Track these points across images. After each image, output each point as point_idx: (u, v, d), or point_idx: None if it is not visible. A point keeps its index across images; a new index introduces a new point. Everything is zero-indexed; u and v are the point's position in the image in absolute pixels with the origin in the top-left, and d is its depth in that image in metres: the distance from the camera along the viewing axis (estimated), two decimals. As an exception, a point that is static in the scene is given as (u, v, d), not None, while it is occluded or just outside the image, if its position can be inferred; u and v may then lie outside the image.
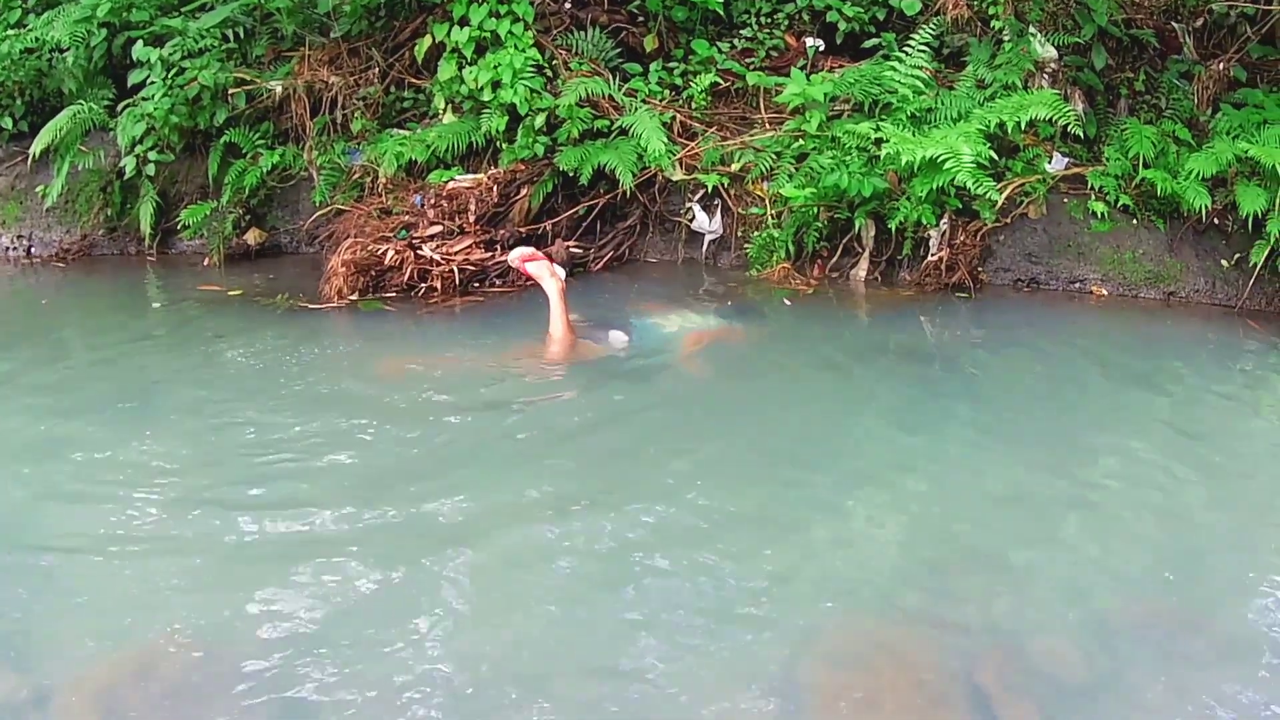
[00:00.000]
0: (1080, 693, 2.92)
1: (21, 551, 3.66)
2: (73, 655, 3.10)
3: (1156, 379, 5.23)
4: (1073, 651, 3.08)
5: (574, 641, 3.14)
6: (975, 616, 3.25)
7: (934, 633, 3.18)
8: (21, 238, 7.86)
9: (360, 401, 4.90)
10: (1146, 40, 7.01)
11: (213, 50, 7.34)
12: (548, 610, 3.29)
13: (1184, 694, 2.92)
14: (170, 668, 3.03)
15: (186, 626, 3.20)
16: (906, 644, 3.14)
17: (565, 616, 3.26)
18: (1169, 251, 6.43)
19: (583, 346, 5.35)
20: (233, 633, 3.17)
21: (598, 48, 7.17)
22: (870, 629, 3.21)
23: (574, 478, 4.14)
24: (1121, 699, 2.91)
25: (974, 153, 5.92)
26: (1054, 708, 2.87)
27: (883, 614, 3.28)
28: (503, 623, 3.23)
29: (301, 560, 3.53)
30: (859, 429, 4.64)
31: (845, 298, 6.35)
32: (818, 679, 2.98)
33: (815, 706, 2.89)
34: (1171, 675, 3.00)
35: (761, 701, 2.88)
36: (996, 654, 3.07)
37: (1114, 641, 3.14)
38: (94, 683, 2.98)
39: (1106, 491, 4.06)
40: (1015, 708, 2.85)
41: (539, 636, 3.16)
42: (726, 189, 6.80)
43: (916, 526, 3.79)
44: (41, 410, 4.88)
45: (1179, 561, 3.57)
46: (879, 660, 3.07)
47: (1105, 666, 3.01)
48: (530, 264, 5.58)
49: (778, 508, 3.91)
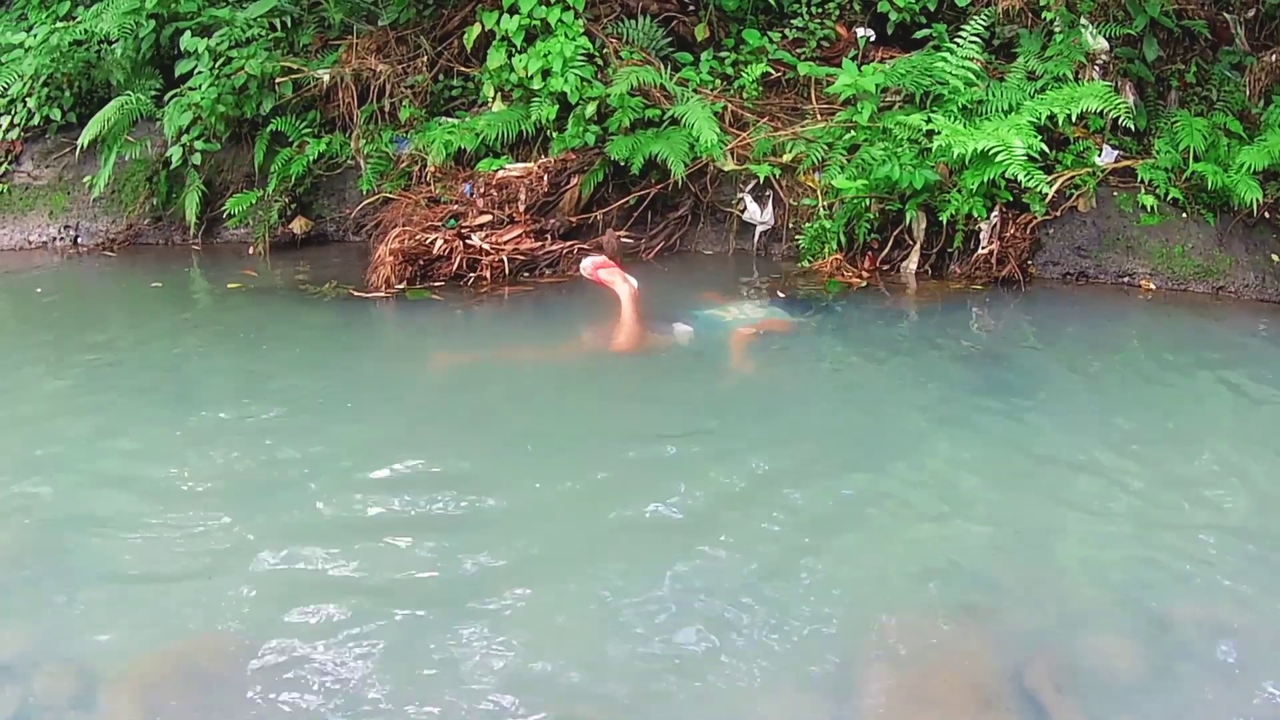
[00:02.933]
0: (1131, 693, 2.91)
1: (67, 542, 3.68)
2: (114, 653, 3.10)
3: (1208, 375, 5.20)
4: (1124, 651, 3.07)
5: (620, 637, 3.13)
6: (1026, 615, 3.24)
7: (984, 631, 3.17)
8: (68, 228, 7.90)
9: (413, 394, 4.96)
10: (1198, 31, 6.96)
11: (260, 39, 7.35)
12: (594, 606, 3.28)
13: (1235, 698, 2.89)
14: (212, 664, 3.04)
15: (230, 623, 3.20)
16: (957, 642, 3.13)
17: (612, 613, 3.25)
18: (1218, 245, 6.39)
19: (650, 339, 5.38)
20: (275, 630, 3.16)
21: (648, 36, 7.16)
22: (921, 627, 3.20)
23: (619, 470, 4.14)
24: (1171, 701, 2.89)
25: (1025, 145, 5.90)
26: (1103, 707, 2.85)
27: (933, 612, 3.27)
28: (548, 619, 3.22)
29: (348, 557, 3.53)
30: (908, 423, 4.63)
31: (896, 290, 6.34)
32: (868, 678, 2.98)
33: (866, 707, 2.88)
34: (1223, 678, 2.97)
35: (811, 701, 2.88)
36: (1047, 653, 3.06)
37: (1166, 642, 3.11)
38: (138, 678, 2.99)
39: (1159, 490, 4.01)
40: (1065, 707, 2.84)
41: (584, 630, 3.15)
42: (778, 180, 6.79)
43: (966, 523, 3.78)
44: (87, 400, 4.94)
45: (1232, 563, 3.53)
46: (929, 658, 3.07)
47: (1157, 667, 3.00)
48: (603, 271, 5.65)
49: (826, 503, 3.91)
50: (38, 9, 8.15)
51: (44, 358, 5.62)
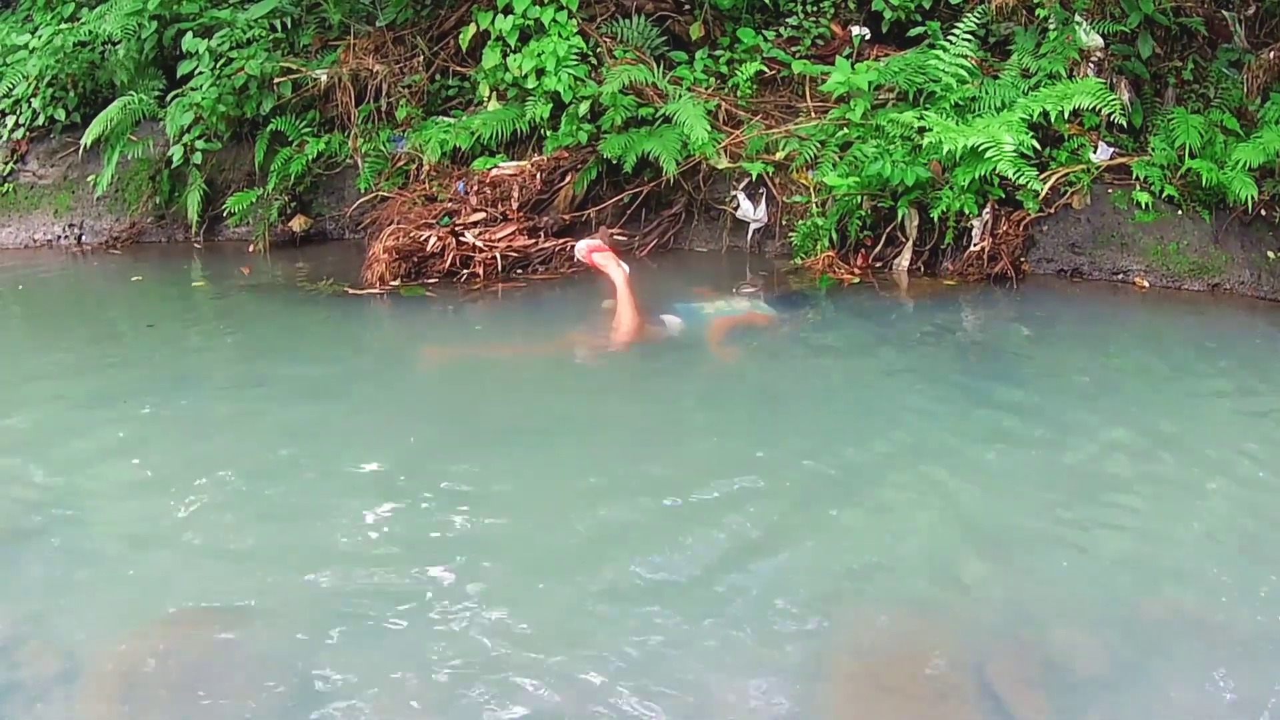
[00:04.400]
0: (1098, 688, 2.88)
1: (53, 522, 3.74)
2: (100, 632, 3.13)
3: (1200, 371, 5.17)
4: (1092, 646, 3.04)
5: (592, 623, 3.15)
6: (997, 608, 3.22)
7: (950, 624, 3.16)
8: (73, 226, 8.01)
9: (403, 389, 4.98)
10: (1195, 28, 6.93)
11: (260, 40, 7.44)
12: (570, 595, 3.29)
13: (1203, 696, 2.86)
14: (194, 648, 3.06)
15: (213, 608, 3.24)
16: (925, 634, 3.12)
17: (585, 600, 3.26)
18: (1214, 243, 6.35)
19: (648, 330, 5.41)
20: (256, 617, 3.19)
21: (643, 35, 7.20)
22: (887, 619, 3.20)
23: (603, 465, 4.16)
24: (1139, 696, 2.86)
25: (1016, 142, 5.90)
26: (1068, 702, 2.83)
27: (900, 604, 3.27)
28: (525, 606, 3.23)
29: (332, 545, 3.56)
30: (893, 418, 4.61)
31: (888, 287, 6.34)
32: (836, 668, 2.98)
33: (826, 693, 2.89)
34: (1192, 676, 2.94)
35: (776, 686, 2.88)
36: (1013, 647, 3.04)
37: (1135, 637, 3.09)
38: (120, 659, 3.01)
39: (1141, 485, 3.97)
40: (1027, 700, 2.82)
41: (557, 619, 3.16)
42: (771, 177, 6.81)
43: (943, 517, 3.76)
44: (83, 392, 4.99)
45: (1211, 561, 3.48)
46: (893, 649, 3.07)
47: (1125, 663, 2.97)
48: (597, 255, 5.69)
49: (803, 494, 3.90)
50: (43, 10, 8.29)
51: (39, 346, 5.74)
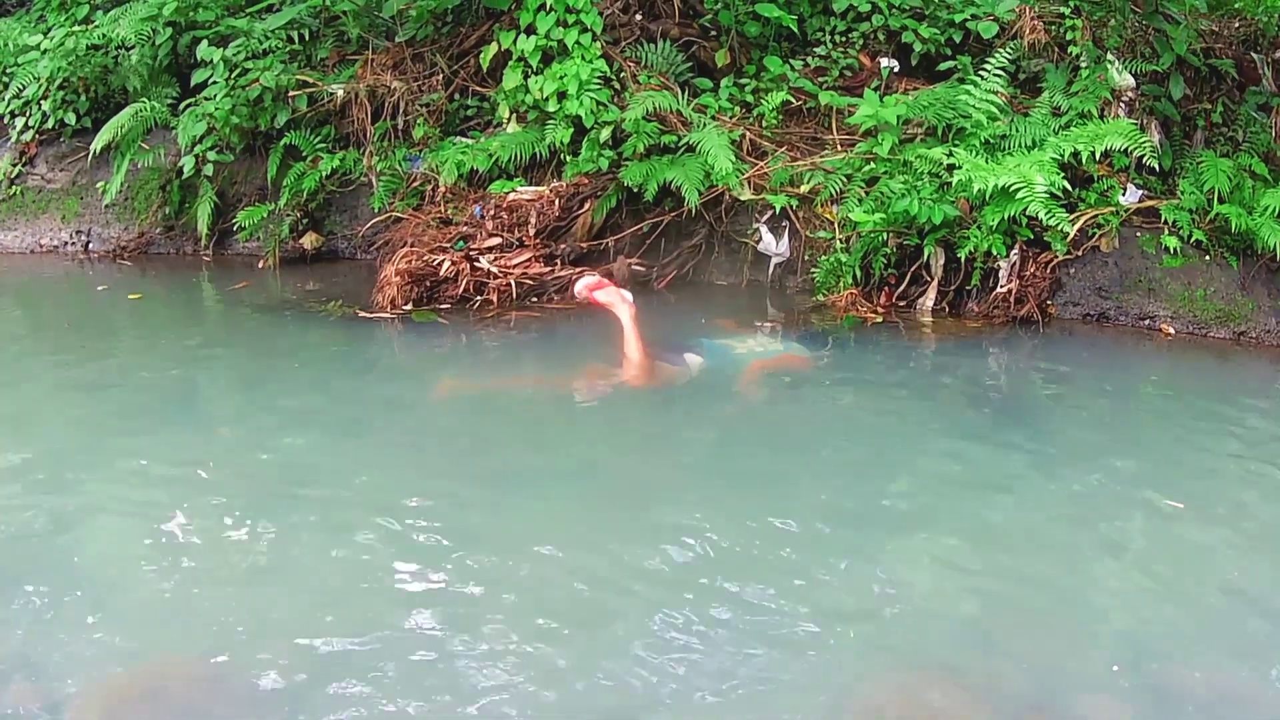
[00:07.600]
0: None
1: (46, 553, 3.65)
2: (86, 669, 3.08)
3: (1225, 424, 5.06)
4: (1123, 715, 2.99)
5: (597, 684, 3.06)
6: (1023, 675, 3.15)
7: (978, 690, 3.08)
8: (80, 233, 7.88)
9: (414, 420, 4.87)
10: (1225, 71, 6.86)
11: (276, 52, 7.32)
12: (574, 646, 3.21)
13: None
14: (180, 688, 3.02)
15: (201, 647, 3.17)
16: (949, 701, 3.05)
17: (587, 655, 3.17)
18: (1241, 289, 6.28)
19: (659, 370, 5.27)
20: (246, 655, 3.12)
21: (667, 61, 7.08)
22: (912, 684, 3.12)
23: (617, 507, 4.08)
24: None
25: (1047, 182, 5.81)
26: None
27: (924, 668, 3.18)
28: (529, 651, 3.15)
29: (327, 590, 3.47)
30: (913, 468, 4.52)
31: (911, 327, 6.23)
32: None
33: None
34: None
35: None
36: (1042, 715, 2.98)
37: (1166, 708, 3.02)
38: (104, 699, 2.96)
39: (1169, 546, 3.89)
40: None
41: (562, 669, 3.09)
42: (795, 211, 6.69)
43: (965, 575, 3.67)
44: (83, 415, 4.88)
45: (1240, 628, 3.41)
46: (919, 717, 3.00)
47: None
48: (599, 293, 5.51)
49: (820, 549, 3.79)
50: (56, 11, 8.16)
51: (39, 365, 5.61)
